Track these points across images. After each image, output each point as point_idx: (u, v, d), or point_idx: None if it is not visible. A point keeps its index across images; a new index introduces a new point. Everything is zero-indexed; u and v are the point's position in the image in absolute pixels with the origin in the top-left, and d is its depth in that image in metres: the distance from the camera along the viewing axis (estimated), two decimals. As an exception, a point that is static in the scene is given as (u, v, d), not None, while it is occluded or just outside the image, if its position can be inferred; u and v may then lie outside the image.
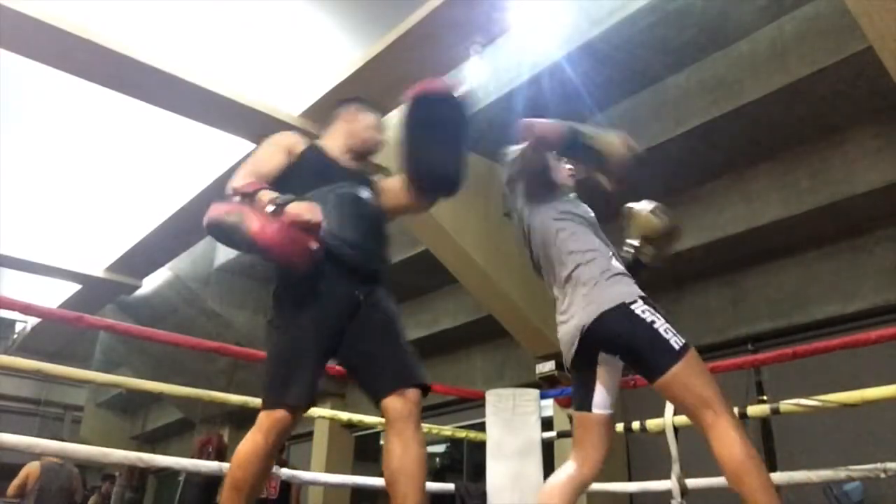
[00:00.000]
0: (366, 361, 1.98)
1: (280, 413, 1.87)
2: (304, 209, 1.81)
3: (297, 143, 2.17)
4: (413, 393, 1.92)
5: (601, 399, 2.02)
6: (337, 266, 1.95)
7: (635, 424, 3.47)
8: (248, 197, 1.88)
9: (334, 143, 2.29)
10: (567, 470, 2.02)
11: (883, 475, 2.69)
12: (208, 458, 5.93)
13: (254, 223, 1.78)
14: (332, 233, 1.93)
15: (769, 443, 5.06)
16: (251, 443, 1.85)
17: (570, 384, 2.11)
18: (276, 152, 2.11)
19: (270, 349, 2.01)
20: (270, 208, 1.80)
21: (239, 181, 1.95)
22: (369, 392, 1.98)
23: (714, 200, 5.24)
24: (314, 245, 1.82)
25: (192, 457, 5.97)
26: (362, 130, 2.31)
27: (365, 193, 2.14)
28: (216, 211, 1.87)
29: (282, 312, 1.99)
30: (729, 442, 1.70)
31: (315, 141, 2.28)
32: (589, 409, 2.02)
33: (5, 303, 3.18)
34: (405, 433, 1.87)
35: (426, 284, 7.30)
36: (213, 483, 5.81)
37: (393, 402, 1.89)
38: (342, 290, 1.96)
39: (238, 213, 1.83)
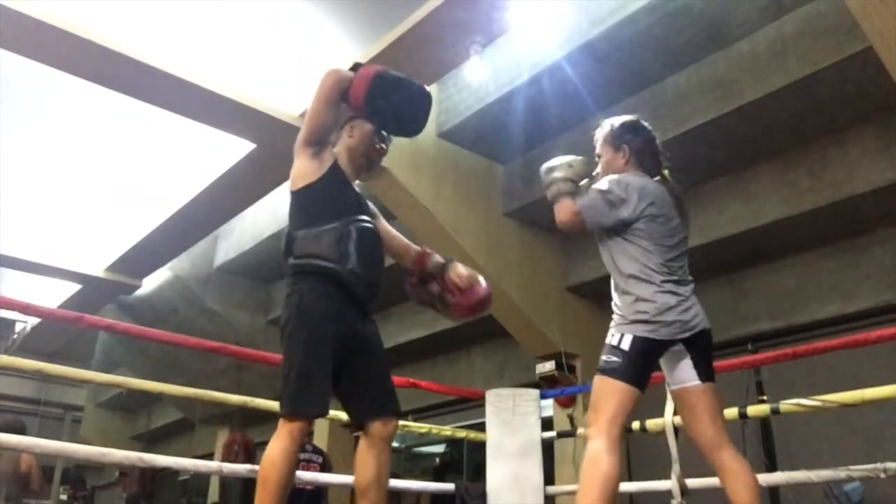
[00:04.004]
0: (356, 385, 2.18)
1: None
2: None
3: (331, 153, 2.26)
4: (395, 421, 2.21)
5: None
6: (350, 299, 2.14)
7: (635, 424, 3.47)
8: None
9: (343, 160, 2.30)
10: None
11: (883, 475, 2.69)
12: (236, 457, 5.78)
13: None
14: (353, 271, 2.11)
15: (769, 443, 5.06)
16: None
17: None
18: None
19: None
20: None
21: None
22: (355, 411, 2.22)
23: (714, 200, 5.23)
24: None
25: (222, 458, 5.85)
26: (365, 147, 2.33)
27: (372, 225, 2.27)
28: None
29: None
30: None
31: (334, 152, 2.29)
32: None
33: (5, 303, 3.19)
34: (384, 454, 2.15)
35: (426, 284, 7.29)
36: (251, 480, 5.73)
37: (378, 425, 2.15)
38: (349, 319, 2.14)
39: None
